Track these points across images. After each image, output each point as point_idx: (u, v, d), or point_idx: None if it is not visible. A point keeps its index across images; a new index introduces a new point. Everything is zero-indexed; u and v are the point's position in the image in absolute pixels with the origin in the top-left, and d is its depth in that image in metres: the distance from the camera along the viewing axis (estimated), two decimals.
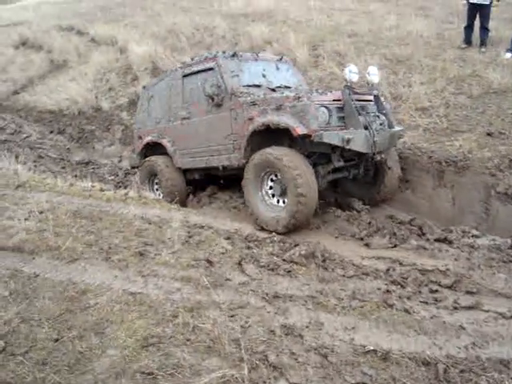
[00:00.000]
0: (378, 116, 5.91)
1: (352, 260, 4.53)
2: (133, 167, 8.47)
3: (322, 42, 10.97)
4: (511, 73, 7.94)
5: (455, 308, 3.57)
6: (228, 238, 4.74)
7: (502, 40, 9.39)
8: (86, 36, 16.30)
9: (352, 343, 3.04)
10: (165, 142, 7.31)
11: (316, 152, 5.70)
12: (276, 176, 5.57)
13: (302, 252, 4.39)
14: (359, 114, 5.54)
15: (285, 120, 5.34)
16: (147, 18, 15.92)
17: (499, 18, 10.34)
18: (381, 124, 5.82)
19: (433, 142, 6.71)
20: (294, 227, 5.33)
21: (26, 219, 4.76)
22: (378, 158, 5.94)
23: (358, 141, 5.32)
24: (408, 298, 3.70)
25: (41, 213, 4.88)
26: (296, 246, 4.61)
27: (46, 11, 21.95)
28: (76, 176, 7.23)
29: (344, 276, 4.13)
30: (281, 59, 7.30)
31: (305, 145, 5.57)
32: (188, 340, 2.94)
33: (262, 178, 5.70)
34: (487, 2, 9.04)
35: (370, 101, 6.02)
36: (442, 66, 8.58)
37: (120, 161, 11.07)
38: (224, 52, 6.67)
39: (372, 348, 2.96)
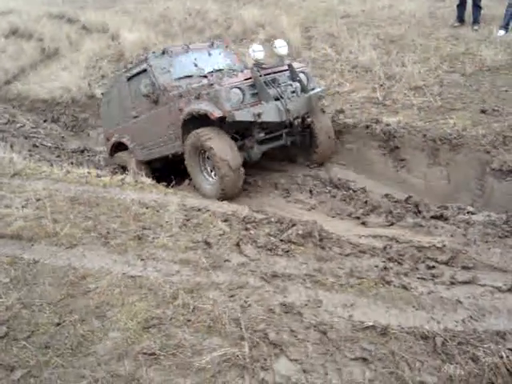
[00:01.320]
0: (291, 84, 6.40)
1: (349, 239, 4.54)
2: (106, 165, 9.06)
3: (314, 24, 10.95)
4: (504, 50, 7.94)
5: (452, 283, 3.59)
6: (225, 220, 4.75)
7: (494, 17, 9.38)
8: (77, 23, 16.16)
9: (351, 320, 3.07)
10: (125, 140, 7.95)
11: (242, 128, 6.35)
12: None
13: (300, 232, 4.40)
14: (269, 87, 6.08)
15: (203, 107, 5.93)
16: (138, 3, 15.82)
17: None
18: (293, 92, 6.34)
19: (427, 120, 6.71)
20: (225, 196, 5.97)
21: (23, 207, 4.78)
22: (297, 123, 6.56)
23: (270, 112, 5.93)
24: (405, 275, 3.72)
25: (38, 200, 4.90)
26: (293, 226, 4.61)
27: None
28: (72, 163, 7.25)
29: (341, 254, 4.14)
30: (212, 45, 7.79)
31: (228, 125, 6.07)
32: (188, 320, 2.98)
33: (199, 156, 6.36)
34: None
35: (285, 71, 6.50)
36: (435, 44, 8.58)
37: None
38: (154, 52, 7.32)
39: (371, 324, 2.98)
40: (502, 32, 8.75)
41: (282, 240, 4.35)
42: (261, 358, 2.65)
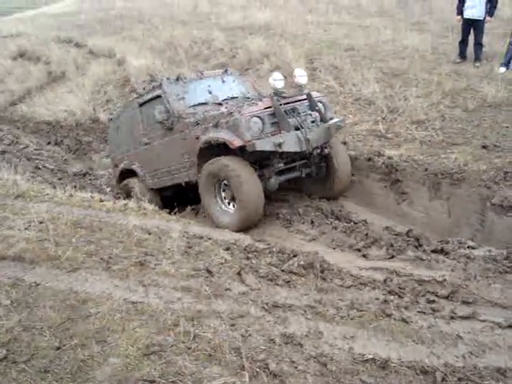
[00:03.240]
0: (310, 114, 6.30)
1: (350, 271, 4.57)
2: (117, 193, 8.85)
3: (318, 56, 11.11)
4: (505, 87, 8.06)
5: (452, 318, 3.60)
6: (227, 249, 4.78)
7: (495, 55, 9.56)
8: (84, 48, 16.41)
9: (351, 352, 3.07)
10: (135, 167, 7.85)
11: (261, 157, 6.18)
12: (226, 184, 6.07)
13: (301, 263, 4.43)
14: (289, 117, 5.99)
15: (223, 135, 5.83)
16: (145, 30, 16.06)
17: (493, 34, 10.50)
18: (313, 121, 6.24)
19: (429, 154, 6.79)
20: (245, 226, 5.90)
21: (26, 229, 4.78)
22: (315, 153, 6.40)
23: (290, 142, 5.81)
24: (406, 308, 3.73)
25: (41, 223, 4.91)
26: (294, 256, 4.64)
27: (44, 23, 22.06)
28: (75, 187, 7.27)
29: (342, 286, 4.16)
30: (225, 71, 7.72)
31: (247, 154, 5.92)
32: (189, 348, 2.97)
33: (215, 186, 6.24)
34: (481, 18, 9.20)
35: (304, 100, 6.43)
36: (438, 79, 8.70)
37: None
38: (168, 78, 7.18)
39: (371, 357, 2.99)
40: (503, 69, 8.91)
41: (283, 270, 4.38)
42: None
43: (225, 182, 6.06)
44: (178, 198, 7.31)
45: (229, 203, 6.24)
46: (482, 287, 4.13)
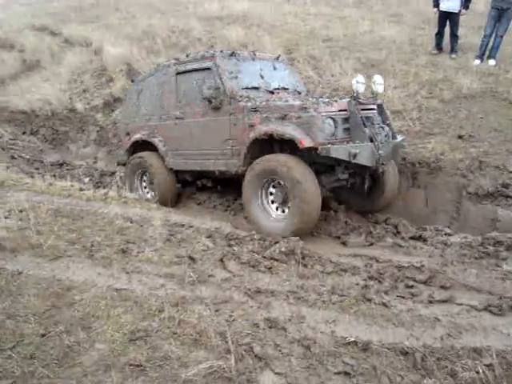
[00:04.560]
0: (383, 127, 5.74)
1: (330, 257, 4.66)
2: (119, 164, 8.25)
3: (297, 46, 11.12)
4: (479, 79, 8.21)
5: (430, 302, 3.72)
6: (209, 237, 4.83)
7: (471, 47, 9.70)
8: (60, 36, 16.10)
9: (333, 335, 3.15)
10: (156, 141, 7.02)
11: (319, 162, 5.53)
12: (279, 183, 5.43)
13: (282, 249, 4.51)
14: (365, 126, 5.39)
15: (290, 131, 5.19)
16: (122, 19, 15.83)
17: (468, 26, 10.66)
18: (386, 136, 5.70)
19: (407, 144, 6.89)
20: (296, 235, 5.05)
21: (6, 218, 4.76)
22: (381, 170, 5.71)
23: (364, 154, 5.17)
24: (385, 293, 3.84)
25: (21, 211, 4.89)
26: (276, 243, 4.71)
27: (17, 10, 21.61)
28: (55, 176, 7.19)
29: (323, 272, 4.26)
30: (277, 58, 7.11)
31: (309, 155, 5.37)
32: (174, 333, 3.02)
33: (264, 185, 5.55)
34: (456, 11, 9.32)
35: (373, 109, 5.87)
36: (415, 70, 8.81)
37: (95, 162, 11.01)
38: (222, 51, 6.40)
39: (353, 339, 3.07)
40: (477, 61, 9.06)
41: (264, 257, 4.45)
42: (246, 371, 2.70)
43: (279, 182, 5.40)
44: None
45: (277, 208, 5.59)
46: (459, 272, 4.26)
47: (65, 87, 13.03)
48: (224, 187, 6.99)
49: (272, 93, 6.21)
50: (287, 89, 6.57)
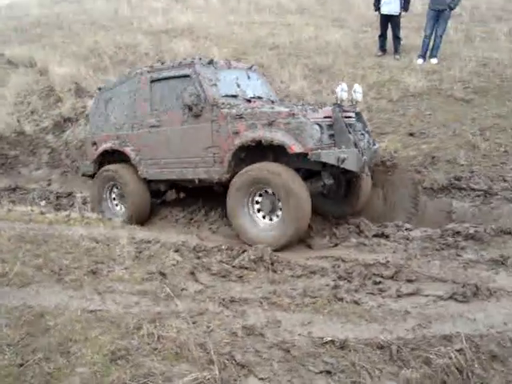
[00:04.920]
0: (363, 134, 5.94)
1: (298, 261, 4.76)
2: (84, 175, 7.82)
3: (245, 55, 11.25)
4: (424, 77, 8.55)
5: (399, 296, 3.86)
6: (177, 251, 4.84)
7: (413, 47, 10.07)
8: (2, 58, 15.74)
9: (310, 336, 3.22)
10: (128, 150, 6.74)
11: (302, 168, 5.61)
12: (266, 192, 5.44)
13: (251, 257, 4.59)
14: (349, 132, 5.49)
15: (279, 137, 5.22)
16: (66, 37, 15.60)
17: (409, 27, 11.06)
18: (367, 142, 5.86)
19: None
20: (287, 244, 5.21)
21: None
22: (364, 176, 5.90)
23: (352, 160, 5.20)
24: (355, 291, 3.95)
25: None
26: (244, 252, 4.78)
27: None
28: (13, 202, 7.03)
29: (293, 276, 4.35)
30: (251, 68, 7.08)
31: (295, 162, 5.44)
32: (155, 349, 3.02)
33: (250, 194, 5.51)
34: (397, 13, 9.67)
35: (352, 117, 5.95)
36: (362, 73, 9.09)
37: (49, 184, 10.78)
38: (200, 59, 6.31)
39: (330, 339, 3.15)
40: (420, 61, 9.45)
41: (234, 266, 4.52)
42: (231, 380, 2.74)
43: (266, 190, 5.42)
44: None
45: (264, 217, 5.55)
46: (423, 265, 4.43)
47: (12, 110, 12.72)
48: (186, 198, 6.99)
49: (249, 101, 6.16)
50: (261, 97, 6.59)
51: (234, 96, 6.14)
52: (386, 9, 9.70)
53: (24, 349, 3.11)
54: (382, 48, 10.16)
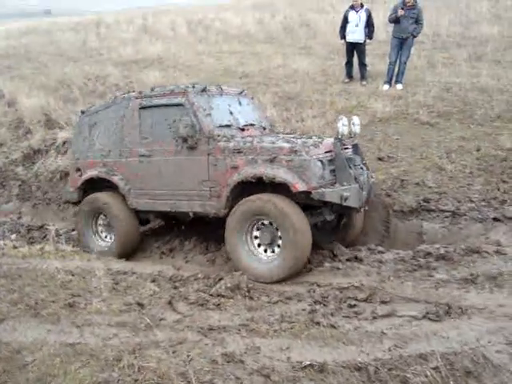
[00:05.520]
0: (362, 168, 5.80)
1: (273, 288, 4.83)
2: (67, 202, 7.54)
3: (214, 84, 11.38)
4: (390, 102, 8.80)
5: (374, 317, 3.95)
6: (153, 281, 4.87)
7: (378, 73, 10.38)
8: None
9: (289, 361, 3.28)
10: (116, 179, 6.41)
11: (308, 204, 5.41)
12: (263, 224, 5.32)
13: (228, 285, 4.63)
14: (349, 167, 5.40)
15: (282, 174, 5.07)
16: (34, 69, 15.57)
17: (374, 54, 11.39)
18: (367, 176, 5.72)
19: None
20: (289, 276, 5.07)
21: None
22: (362, 211, 5.81)
23: (354, 197, 5.16)
24: (331, 315, 4.03)
25: None
26: (220, 280, 4.81)
27: None
28: None
29: (269, 302, 4.41)
30: (241, 93, 6.81)
31: (293, 196, 5.21)
32: (136, 380, 3.02)
33: (248, 228, 5.34)
34: (362, 41, 9.98)
35: (349, 149, 5.86)
36: (330, 99, 9.29)
37: (19, 217, 10.64)
38: (194, 87, 6.01)
39: (308, 363, 3.20)
40: (386, 86, 9.73)
41: (211, 295, 4.55)
42: None
43: (263, 222, 5.29)
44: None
45: (265, 250, 5.38)
46: (396, 286, 4.54)
47: None
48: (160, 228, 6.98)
49: (243, 130, 6.04)
50: (253, 124, 6.39)
51: (228, 126, 5.96)
52: (351, 37, 10.01)
53: None
54: (349, 75, 10.43)
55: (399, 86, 9.67)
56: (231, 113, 6.16)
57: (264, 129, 6.50)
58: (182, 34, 16.54)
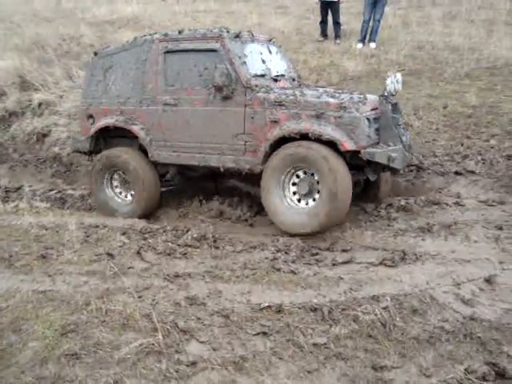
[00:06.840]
0: (405, 128, 5.63)
1: (239, 238, 5.01)
2: (77, 151, 6.93)
3: None
4: (363, 61, 8.89)
5: (334, 264, 4.18)
6: (124, 233, 5.01)
7: (352, 32, 10.41)
8: None
9: (249, 303, 3.48)
10: (136, 129, 5.93)
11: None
12: (305, 173, 5.05)
13: (194, 235, 4.83)
14: (394, 127, 5.18)
15: (329, 132, 4.79)
16: (7, 29, 15.28)
17: (349, 13, 11.38)
18: (408, 137, 5.54)
19: None
20: (328, 227, 4.91)
21: None
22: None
23: (399, 158, 4.88)
24: (293, 262, 4.24)
25: None
26: (188, 231, 4.98)
27: None
28: None
29: (234, 251, 4.61)
30: (270, 40, 6.40)
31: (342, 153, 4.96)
32: (103, 322, 3.21)
33: (287, 174, 5.08)
34: (336, 0, 9.95)
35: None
36: (304, 58, 9.33)
37: None
38: (228, 31, 5.54)
39: (266, 304, 3.42)
40: (360, 45, 9.76)
41: (179, 245, 4.72)
42: (174, 344, 2.97)
43: (305, 171, 5.02)
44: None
45: (299, 200, 5.12)
46: (357, 235, 4.76)
47: None
48: None
49: (276, 80, 5.69)
50: (284, 75, 6.01)
51: (263, 75, 5.57)
52: None
53: None
54: (323, 33, 10.42)
55: (372, 45, 9.69)
56: (263, 61, 5.76)
57: (293, 80, 6.19)
58: None
